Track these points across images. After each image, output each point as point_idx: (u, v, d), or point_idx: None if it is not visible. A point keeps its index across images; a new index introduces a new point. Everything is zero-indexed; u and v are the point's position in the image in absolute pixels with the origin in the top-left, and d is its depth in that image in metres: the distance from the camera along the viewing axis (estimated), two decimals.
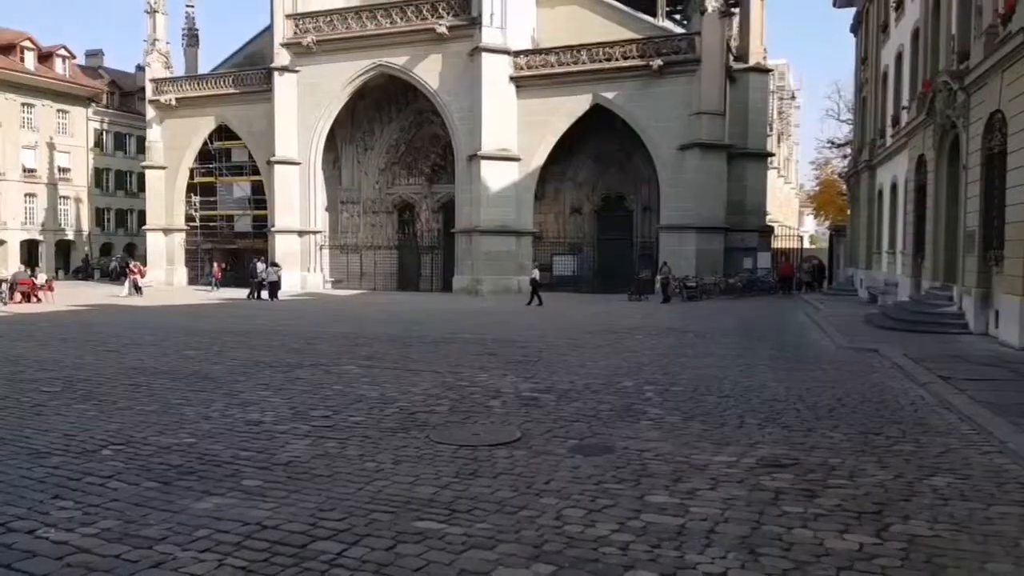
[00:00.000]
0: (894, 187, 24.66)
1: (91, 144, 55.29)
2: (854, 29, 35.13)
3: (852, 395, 9.25)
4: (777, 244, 39.63)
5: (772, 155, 50.90)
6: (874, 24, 29.24)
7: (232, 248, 43.90)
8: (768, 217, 42.07)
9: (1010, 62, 13.01)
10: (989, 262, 14.54)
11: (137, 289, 33.05)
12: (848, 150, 43.45)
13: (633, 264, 35.38)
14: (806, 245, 55.50)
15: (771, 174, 49.89)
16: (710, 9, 32.39)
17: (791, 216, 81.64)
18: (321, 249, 40.04)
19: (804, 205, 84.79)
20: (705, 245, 32.98)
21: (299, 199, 39.02)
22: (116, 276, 44.16)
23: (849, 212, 37.80)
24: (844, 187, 43.02)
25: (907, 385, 9.93)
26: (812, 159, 63.43)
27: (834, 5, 35.16)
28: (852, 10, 34.82)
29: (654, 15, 36.17)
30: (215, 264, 39.90)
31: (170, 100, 42.24)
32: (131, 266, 36.43)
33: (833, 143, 51.99)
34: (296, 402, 8.81)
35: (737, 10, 38.03)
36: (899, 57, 24.29)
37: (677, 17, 42.26)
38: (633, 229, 38.17)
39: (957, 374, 10.18)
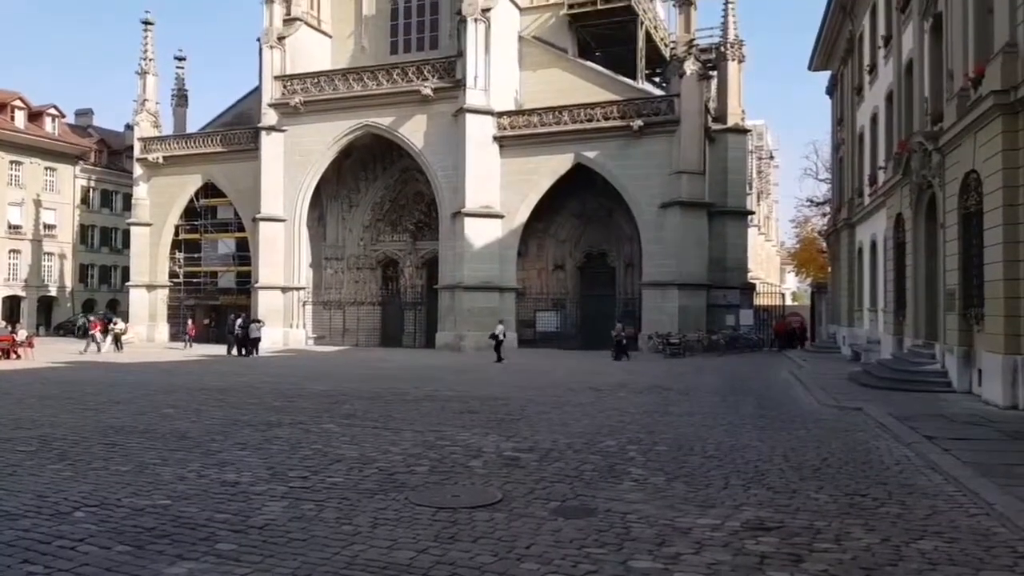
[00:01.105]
0: (874, 245, 25.00)
1: (78, 201, 55.34)
2: (830, 91, 36.15)
3: (837, 455, 9.17)
4: (759, 301, 39.93)
5: (752, 213, 51.65)
6: (849, 87, 30.07)
7: (215, 304, 43.65)
8: (750, 274, 42.47)
9: (982, 124, 13.35)
10: (970, 320, 14.65)
11: (97, 344, 32.22)
12: (827, 208, 44.19)
13: (615, 321, 35.40)
14: (788, 302, 55.94)
15: (752, 232, 50.54)
16: (688, 72, 33.28)
17: (773, 273, 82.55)
18: (304, 305, 39.87)
19: (785, 262, 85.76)
20: (687, 302, 33.18)
21: (284, 255, 39.02)
22: (85, 334, 43.54)
23: (830, 270, 38.24)
24: (824, 245, 43.60)
25: (892, 445, 9.87)
26: (792, 217, 64.32)
27: (810, 68, 36.19)
28: (827, 73, 35.88)
29: (634, 78, 37.07)
30: (189, 320, 39.51)
31: (158, 158, 42.51)
32: (92, 321, 35.73)
33: (812, 201, 52.93)
34: (274, 462, 8.62)
35: (715, 73, 39.13)
36: (874, 118, 24.93)
37: (656, 80, 43.34)
38: (616, 285, 38.39)
39: (942, 434, 10.15)
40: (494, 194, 35.14)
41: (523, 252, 37.46)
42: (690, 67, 33.33)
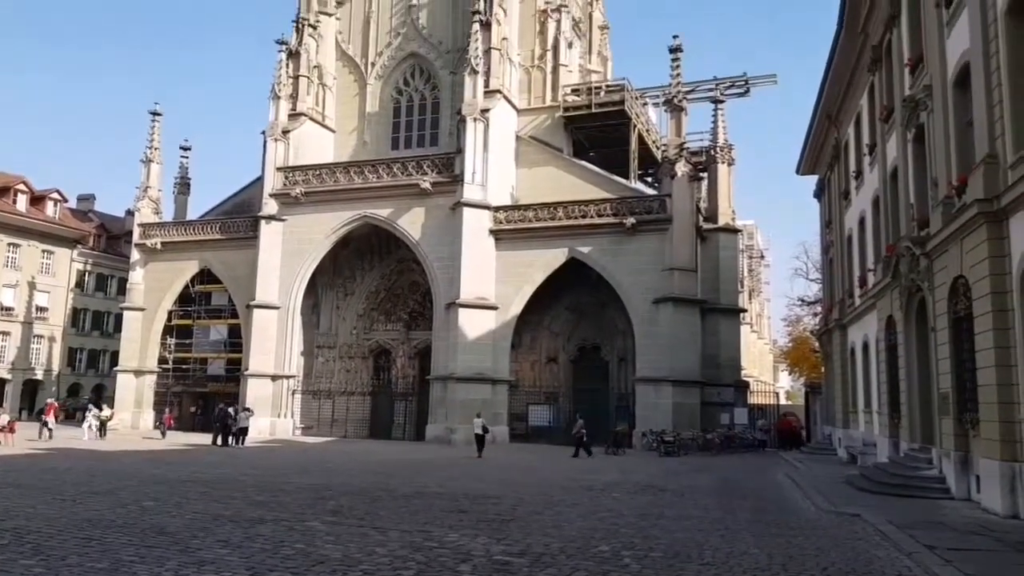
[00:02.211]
0: (866, 346, 25.07)
1: (72, 284, 55.48)
2: (817, 195, 37.04)
3: (837, 564, 8.91)
4: (753, 399, 39.69)
5: (744, 311, 52.04)
6: (836, 191, 30.82)
7: (203, 392, 43.09)
8: (743, 372, 42.38)
9: (967, 231, 13.64)
10: (965, 424, 14.53)
11: (49, 431, 30.91)
12: (818, 308, 44.55)
13: (610, 416, 35.08)
14: (782, 401, 55.61)
15: (744, 330, 50.76)
16: (679, 174, 34.22)
17: (766, 371, 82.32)
18: (293, 394, 39.40)
19: (778, 361, 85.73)
20: (681, 399, 32.94)
21: (276, 343, 38.86)
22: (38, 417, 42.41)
23: (823, 369, 38.20)
24: (817, 344, 43.72)
25: (893, 554, 9.60)
26: (784, 316, 64.76)
27: (798, 172, 37.21)
28: (815, 177, 36.86)
29: (627, 177, 38.03)
30: (167, 409, 38.84)
31: (156, 244, 42.90)
32: (47, 404, 34.42)
33: (803, 301, 53.38)
34: (255, 562, 8.31)
35: (705, 175, 40.23)
36: (862, 222, 25.44)
37: (648, 179, 44.46)
38: (609, 379, 38.21)
39: (942, 543, 9.90)
40: (489, 286, 35.41)
41: (516, 344, 37.42)
42: (681, 168, 34.29)
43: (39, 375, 53.40)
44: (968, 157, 14.53)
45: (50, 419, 31.97)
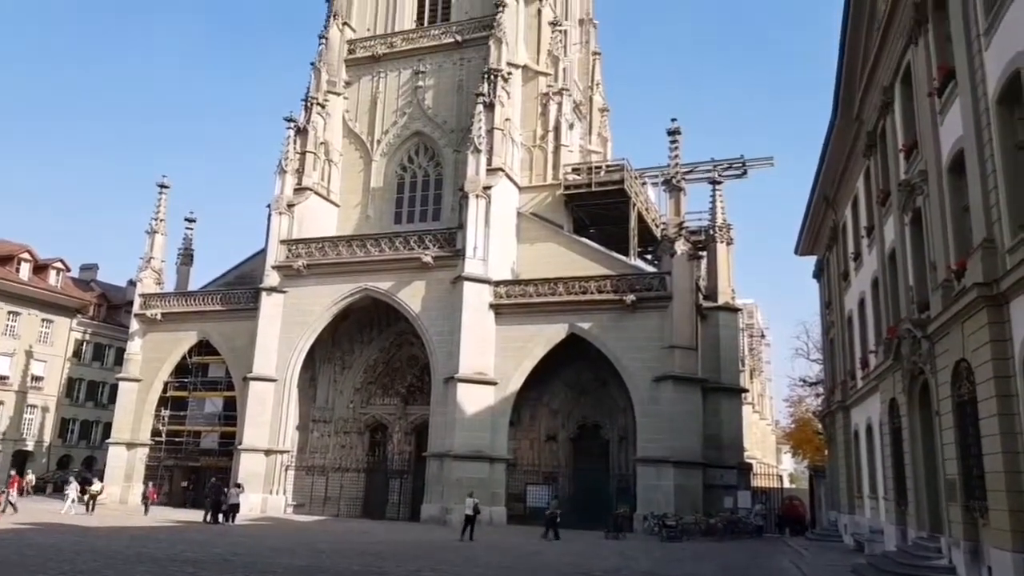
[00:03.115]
0: (869, 429, 24.67)
1: (69, 354, 55.19)
2: (817, 275, 37.20)
3: None
4: (756, 482, 38.92)
5: (746, 391, 51.57)
6: (835, 271, 30.94)
7: (195, 466, 42.29)
8: (746, 453, 41.67)
9: (968, 315, 13.57)
10: (974, 512, 14.13)
11: (13, 506, 29.94)
12: (820, 389, 44.15)
13: (610, 497, 34.30)
14: (786, 484, 54.54)
15: (746, 410, 50.22)
16: (679, 252, 34.47)
17: (769, 453, 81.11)
18: (287, 470, 38.61)
19: (781, 442, 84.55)
20: (683, 480, 32.24)
21: (271, 416, 38.38)
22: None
23: (827, 452, 37.57)
24: (820, 426, 43.15)
25: None
26: (786, 396, 64.09)
27: (796, 253, 37.50)
28: (814, 257, 37.10)
29: (627, 254, 38.30)
30: (150, 483, 37.98)
31: (156, 314, 42.89)
32: (10, 478, 33.47)
33: (805, 381, 52.94)
34: None
35: (704, 253, 40.56)
36: (862, 303, 25.43)
37: (648, 257, 44.83)
38: (609, 459, 37.52)
39: None
40: (488, 360, 35.19)
41: (515, 421, 36.92)
42: (680, 247, 34.56)
43: (30, 446, 52.53)
44: (965, 240, 14.62)
45: (12, 493, 31.05)
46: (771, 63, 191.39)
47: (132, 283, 51.89)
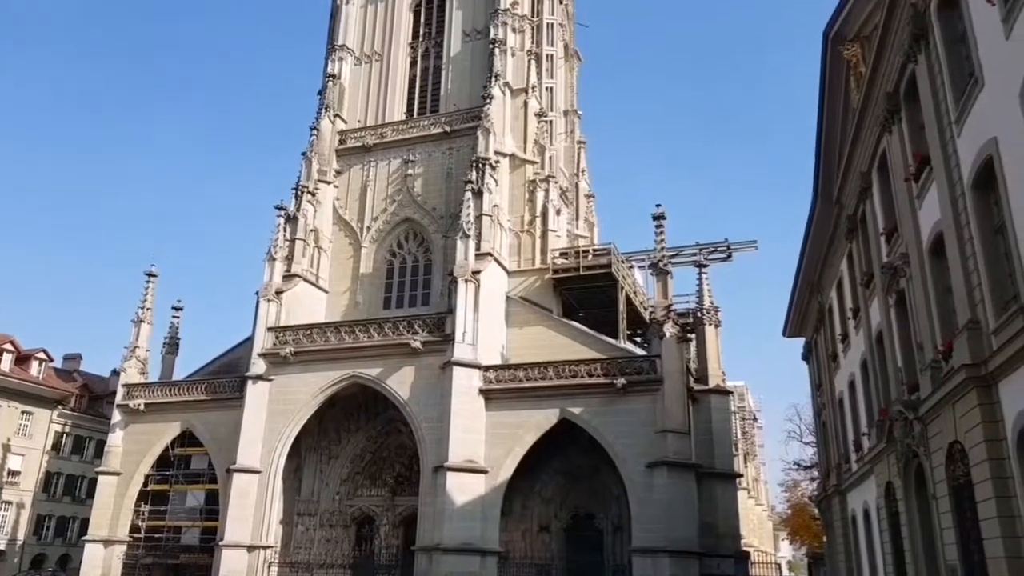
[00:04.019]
0: (867, 513, 24.16)
1: (48, 447, 53.83)
2: (805, 357, 37.18)
3: None
4: (755, 571, 37.79)
5: (740, 475, 50.69)
6: (824, 353, 30.92)
7: (175, 564, 40.61)
8: (743, 541, 40.59)
9: (957, 396, 13.52)
10: None
11: None
12: (815, 472, 43.50)
13: None
14: (785, 572, 52.99)
15: (741, 495, 49.21)
16: (668, 335, 34.45)
17: (766, 540, 79.02)
18: (270, 567, 37.12)
19: (778, 528, 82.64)
20: (680, 571, 31.15)
21: (255, 510, 37.19)
22: None
23: (825, 538, 36.67)
24: (816, 511, 42.27)
25: None
26: (780, 480, 63.14)
27: (784, 335, 37.59)
28: (802, 339, 37.16)
29: (616, 337, 38.29)
30: None
31: (139, 405, 42.01)
32: None
33: (799, 465, 52.26)
34: None
35: (693, 336, 40.60)
36: (852, 384, 25.31)
37: (637, 340, 44.86)
38: (604, 550, 36.45)
39: None
40: (479, 447, 34.52)
41: (507, 511, 35.92)
42: (669, 330, 34.57)
43: (2, 545, 50.47)
44: (951, 321, 14.72)
45: None
46: (754, 148, 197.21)
47: (116, 373, 51.02)
